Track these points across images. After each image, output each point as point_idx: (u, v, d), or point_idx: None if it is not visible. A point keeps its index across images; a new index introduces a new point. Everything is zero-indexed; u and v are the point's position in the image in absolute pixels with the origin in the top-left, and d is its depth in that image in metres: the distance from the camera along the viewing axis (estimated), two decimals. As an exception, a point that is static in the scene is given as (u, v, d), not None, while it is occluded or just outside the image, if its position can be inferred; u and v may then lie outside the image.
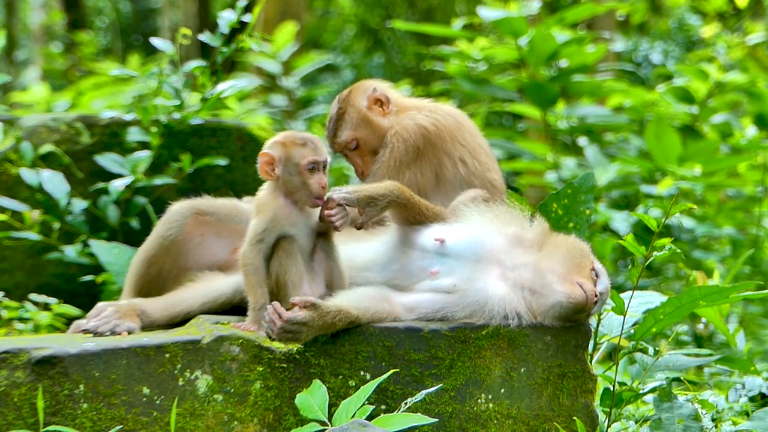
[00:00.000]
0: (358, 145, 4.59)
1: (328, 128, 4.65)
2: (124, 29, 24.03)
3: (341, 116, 4.60)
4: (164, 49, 5.67)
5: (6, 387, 3.51)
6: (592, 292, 3.86)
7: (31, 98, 11.11)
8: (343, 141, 4.60)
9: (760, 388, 4.87)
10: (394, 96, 4.68)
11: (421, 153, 4.43)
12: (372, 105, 4.59)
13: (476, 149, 4.53)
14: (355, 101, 4.60)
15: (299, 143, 3.98)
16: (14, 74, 17.33)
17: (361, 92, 4.62)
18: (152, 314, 4.01)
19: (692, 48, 16.31)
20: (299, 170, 3.95)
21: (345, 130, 4.60)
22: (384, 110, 4.59)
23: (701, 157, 8.52)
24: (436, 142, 4.44)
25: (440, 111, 4.55)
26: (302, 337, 3.73)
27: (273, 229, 3.94)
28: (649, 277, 8.42)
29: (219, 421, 3.68)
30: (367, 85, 4.66)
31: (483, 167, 4.51)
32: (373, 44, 20.48)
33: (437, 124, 4.46)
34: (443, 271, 3.97)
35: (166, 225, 4.19)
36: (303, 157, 3.95)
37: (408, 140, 4.43)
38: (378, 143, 4.55)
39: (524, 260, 3.98)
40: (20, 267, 5.49)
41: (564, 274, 3.89)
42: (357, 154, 4.62)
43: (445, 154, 4.45)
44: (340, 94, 4.67)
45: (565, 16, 9.61)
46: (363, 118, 4.57)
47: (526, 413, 3.92)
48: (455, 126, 4.51)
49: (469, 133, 4.55)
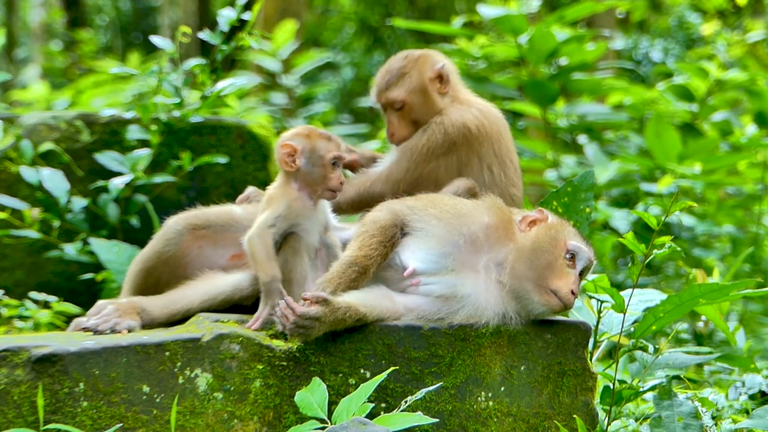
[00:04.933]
0: (403, 107, 4.56)
1: (383, 79, 4.59)
2: (124, 27, 24.03)
3: (402, 75, 4.55)
4: (164, 47, 5.66)
5: (6, 385, 3.51)
6: (568, 296, 3.83)
7: (31, 96, 11.12)
8: (392, 98, 4.55)
9: (760, 386, 4.87)
10: (455, 81, 4.65)
11: (455, 148, 4.43)
12: (434, 78, 4.56)
13: (507, 162, 4.53)
14: (421, 67, 4.56)
15: (324, 137, 4.08)
16: (14, 72, 17.33)
17: (430, 62, 4.58)
18: (152, 312, 4.02)
19: (692, 46, 16.30)
20: (323, 163, 4.03)
21: (399, 88, 4.55)
22: (441, 88, 4.56)
23: (701, 155, 8.51)
24: (473, 143, 4.44)
25: (489, 114, 4.54)
26: (314, 333, 3.72)
27: (287, 217, 3.99)
28: (649, 275, 8.42)
29: (219, 419, 3.68)
30: (438, 58, 4.63)
31: (508, 181, 4.51)
32: (373, 42, 20.47)
33: (481, 127, 4.46)
34: (424, 280, 3.95)
35: (162, 241, 4.19)
36: (329, 151, 4.04)
37: (449, 134, 4.43)
38: (421, 115, 4.53)
39: (497, 258, 3.92)
40: (20, 265, 5.49)
41: (536, 280, 3.86)
42: (397, 115, 4.58)
43: (477, 157, 4.45)
44: (410, 53, 4.62)
45: (565, 14, 9.60)
46: (422, 86, 4.54)
47: (526, 411, 3.92)
48: (496, 135, 4.51)
49: (506, 146, 4.54)
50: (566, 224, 4.04)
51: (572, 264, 3.90)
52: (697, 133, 9.42)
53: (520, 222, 4.02)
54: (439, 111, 4.53)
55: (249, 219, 4.15)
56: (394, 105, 4.56)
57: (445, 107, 4.54)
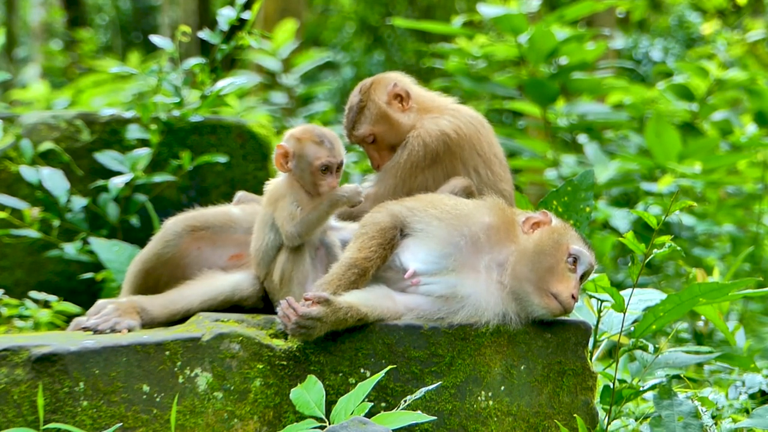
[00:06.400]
0: (376, 139, 4.55)
1: (347, 119, 4.60)
2: (124, 27, 24.03)
3: (361, 109, 4.55)
4: (164, 47, 5.66)
5: (6, 384, 3.51)
6: (568, 300, 3.83)
7: (31, 96, 11.12)
8: (360, 135, 4.55)
9: (759, 386, 4.87)
10: (416, 92, 4.63)
11: (439, 159, 4.41)
12: (392, 100, 4.54)
13: (491, 159, 4.51)
14: (375, 95, 4.55)
15: (316, 141, 3.98)
16: (14, 72, 17.33)
17: (382, 87, 4.57)
18: (152, 312, 4.02)
19: (692, 45, 16.29)
20: (311, 170, 3.97)
21: (363, 124, 4.55)
22: (404, 106, 4.54)
23: (701, 155, 8.51)
24: (455, 150, 4.42)
25: (463, 117, 4.51)
26: (315, 333, 3.72)
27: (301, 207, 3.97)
28: (649, 274, 8.42)
29: (219, 419, 3.68)
30: (389, 79, 4.60)
31: (496, 178, 4.49)
32: (373, 41, 20.46)
33: (459, 131, 4.44)
34: (425, 280, 3.95)
35: (162, 243, 4.19)
36: (317, 158, 3.96)
37: (428, 145, 4.40)
38: (395, 139, 4.51)
39: (498, 259, 3.92)
40: (20, 264, 5.49)
41: (537, 282, 3.85)
42: (374, 148, 4.57)
43: (461, 162, 4.44)
44: (363, 85, 4.61)
45: (565, 13, 9.60)
46: (382, 113, 4.52)
47: (526, 410, 3.92)
48: (475, 135, 4.48)
49: (487, 142, 4.52)
50: (569, 228, 4.03)
51: (574, 268, 3.90)
52: (697, 133, 9.42)
53: (523, 223, 4.01)
54: (411, 127, 4.51)
55: (247, 220, 4.15)
56: (366, 140, 4.57)
57: (416, 121, 4.52)
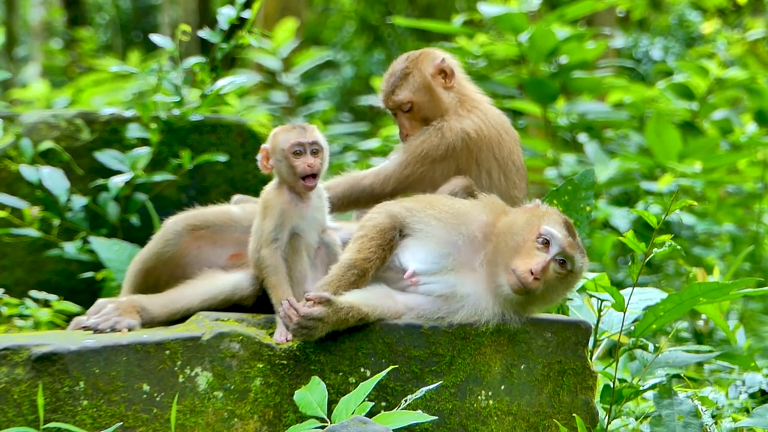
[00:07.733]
0: (412, 108, 4.54)
1: (388, 83, 4.58)
2: (124, 26, 24.02)
3: (405, 75, 4.54)
4: (164, 46, 5.66)
5: (6, 384, 3.51)
6: (525, 274, 3.74)
7: (31, 95, 11.12)
8: (399, 100, 4.54)
9: (760, 385, 4.87)
10: (460, 75, 4.62)
11: (454, 154, 4.41)
12: (437, 74, 4.54)
13: (508, 165, 4.50)
14: (422, 65, 4.54)
15: (286, 129, 4.01)
16: (14, 71, 17.33)
17: (430, 59, 4.57)
18: (152, 311, 4.01)
19: (692, 44, 16.30)
20: (285, 155, 3.97)
21: (404, 90, 4.53)
22: (446, 83, 4.54)
23: (701, 154, 8.51)
24: (472, 149, 4.42)
25: (489, 119, 4.51)
26: (317, 333, 3.72)
27: (284, 225, 3.94)
28: (649, 273, 8.42)
29: (219, 418, 3.68)
30: (437, 53, 4.61)
31: (509, 184, 4.48)
32: (373, 41, 20.46)
33: (480, 132, 4.44)
34: (425, 279, 3.95)
35: (162, 242, 4.19)
36: (287, 141, 3.97)
37: (446, 140, 4.40)
38: (431, 113, 4.51)
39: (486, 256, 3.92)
40: (20, 264, 5.49)
41: (504, 261, 3.82)
42: (407, 117, 4.56)
43: (475, 162, 4.44)
44: (411, 54, 4.61)
45: (566, 12, 9.61)
46: (426, 84, 4.51)
47: (526, 410, 3.92)
48: (496, 138, 4.48)
49: (508, 148, 4.51)
50: (552, 212, 3.94)
51: (544, 248, 3.82)
52: (698, 132, 9.43)
53: None
54: (446, 108, 4.51)
55: (247, 219, 4.15)
56: (402, 107, 4.55)
57: (451, 105, 4.52)
